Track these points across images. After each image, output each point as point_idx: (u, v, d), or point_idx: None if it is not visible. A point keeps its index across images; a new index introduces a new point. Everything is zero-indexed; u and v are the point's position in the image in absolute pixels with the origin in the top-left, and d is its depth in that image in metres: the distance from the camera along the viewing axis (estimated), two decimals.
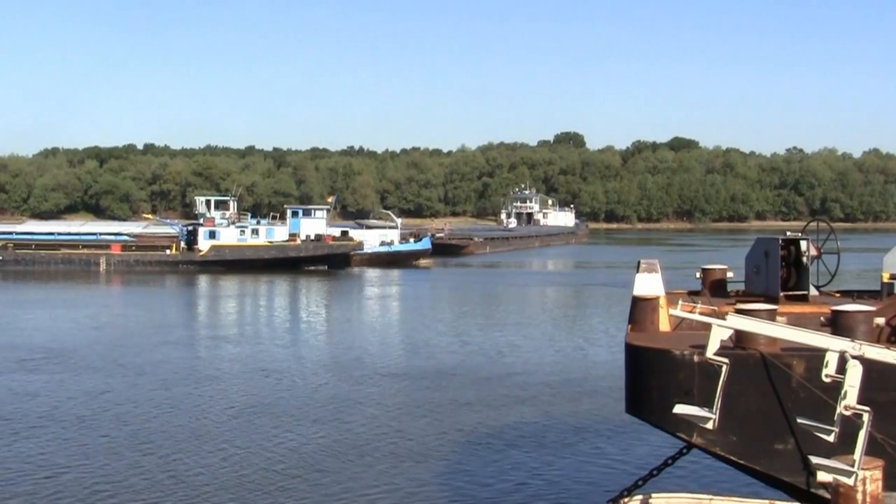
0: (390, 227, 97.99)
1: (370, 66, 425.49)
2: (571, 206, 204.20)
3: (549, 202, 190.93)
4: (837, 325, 11.98)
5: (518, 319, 47.03)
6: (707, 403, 11.69)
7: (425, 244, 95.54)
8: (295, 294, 64.03)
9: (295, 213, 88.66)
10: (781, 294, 16.48)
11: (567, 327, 44.71)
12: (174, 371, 31.58)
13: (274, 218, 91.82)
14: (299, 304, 57.59)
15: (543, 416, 24.99)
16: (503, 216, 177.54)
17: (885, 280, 16.48)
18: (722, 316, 12.29)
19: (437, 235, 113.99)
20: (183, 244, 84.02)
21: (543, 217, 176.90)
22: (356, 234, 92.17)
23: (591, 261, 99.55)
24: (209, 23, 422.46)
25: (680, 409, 11.78)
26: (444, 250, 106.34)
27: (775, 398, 11.85)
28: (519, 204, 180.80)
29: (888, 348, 11.43)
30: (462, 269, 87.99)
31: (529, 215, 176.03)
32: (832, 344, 11.13)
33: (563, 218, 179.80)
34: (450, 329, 43.02)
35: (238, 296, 61.77)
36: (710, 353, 11.60)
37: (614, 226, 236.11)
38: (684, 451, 13.22)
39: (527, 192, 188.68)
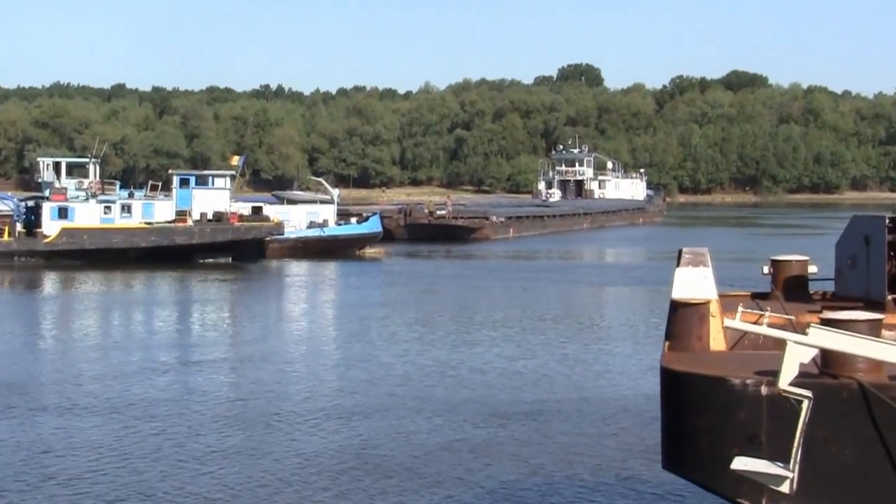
0: (323, 202, 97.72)
1: None
2: (642, 170, 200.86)
3: (609, 165, 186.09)
4: None
5: (525, 336, 46.97)
6: (781, 456, 11.66)
7: (373, 226, 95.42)
8: (187, 298, 63.71)
9: (185, 182, 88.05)
10: (889, 297, 16.49)
11: (600, 347, 44.54)
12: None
13: (154, 189, 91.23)
14: (198, 313, 57.10)
15: (554, 473, 25.16)
16: (541, 186, 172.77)
17: None
18: (802, 329, 12.24)
19: (438, 213, 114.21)
20: (19, 226, 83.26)
21: (599, 187, 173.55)
22: (273, 211, 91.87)
23: (667, 250, 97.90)
24: None
25: (741, 463, 11.74)
26: (445, 233, 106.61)
27: (881, 447, 11.83)
28: (564, 168, 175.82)
29: None
30: (448, 263, 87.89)
31: (579, 184, 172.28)
32: None
33: (629, 188, 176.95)
34: (411, 350, 42.96)
35: (111, 303, 61.27)
36: (784, 382, 11.56)
37: None
38: None
39: (575, 150, 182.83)
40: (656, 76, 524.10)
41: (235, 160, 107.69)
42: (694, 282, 13.69)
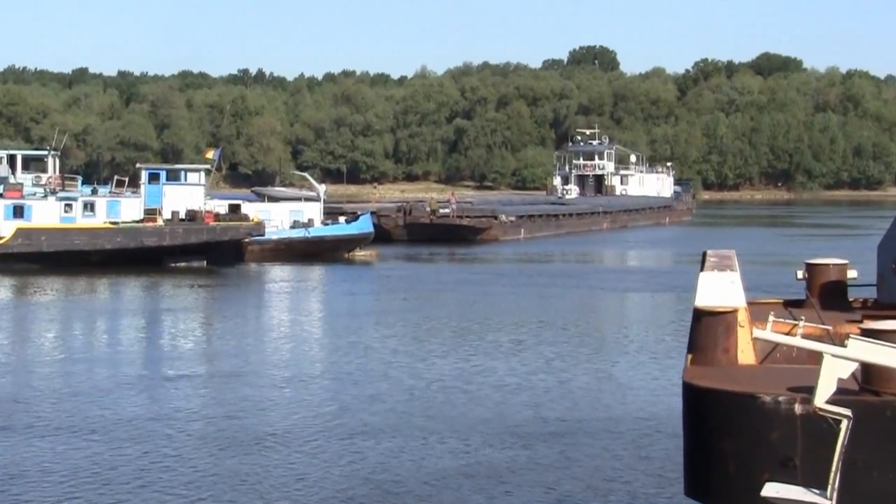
0: (308, 199, 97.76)
1: None
2: (669, 164, 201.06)
3: (632, 158, 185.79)
4: None
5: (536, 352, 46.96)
6: (817, 481, 11.65)
7: (364, 226, 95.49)
8: (158, 307, 63.51)
9: (154, 177, 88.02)
10: None
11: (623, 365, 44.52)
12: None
13: (120, 184, 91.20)
14: (170, 323, 56.78)
15: (582, 501, 25.25)
16: (557, 182, 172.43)
17: None
18: (840, 340, 12.22)
19: (440, 212, 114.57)
20: None
21: (622, 182, 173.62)
22: (253, 209, 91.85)
23: (697, 252, 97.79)
24: None
25: (773, 490, 11.73)
26: (449, 234, 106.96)
27: None
28: (582, 162, 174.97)
29: None
30: (451, 267, 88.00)
31: (599, 180, 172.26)
32: None
33: (655, 184, 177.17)
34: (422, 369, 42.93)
35: (73, 312, 61.12)
36: (820, 400, 11.54)
37: None
38: None
39: (594, 141, 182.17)
40: (678, 60, 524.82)
41: (211, 153, 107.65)
42: (720, 288, 13.67)
